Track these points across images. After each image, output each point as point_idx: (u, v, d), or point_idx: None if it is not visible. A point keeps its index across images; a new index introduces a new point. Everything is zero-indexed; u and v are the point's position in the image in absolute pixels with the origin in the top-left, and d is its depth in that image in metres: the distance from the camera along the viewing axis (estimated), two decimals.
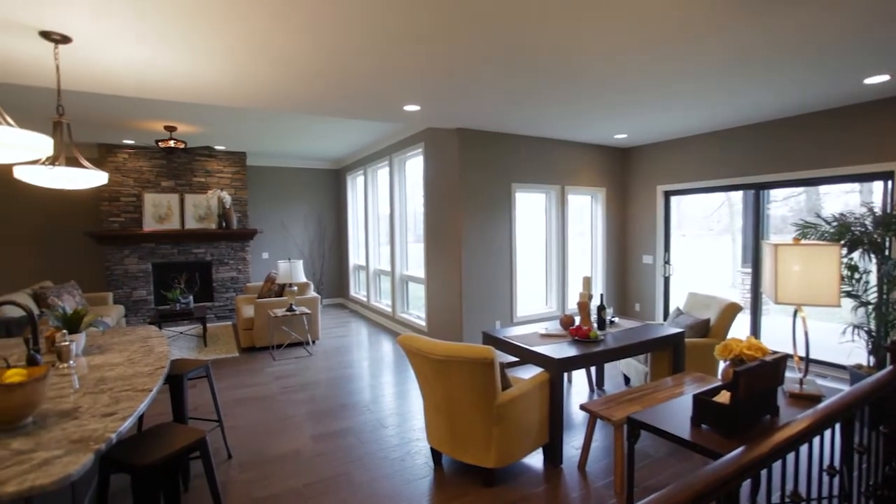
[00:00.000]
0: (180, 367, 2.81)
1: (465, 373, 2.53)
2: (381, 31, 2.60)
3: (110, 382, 2.03)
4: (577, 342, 3.33)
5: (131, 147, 7.06)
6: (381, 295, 7.79)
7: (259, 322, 5.68)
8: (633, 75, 3.43)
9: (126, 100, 4.48)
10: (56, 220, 7.09)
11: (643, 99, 4.11)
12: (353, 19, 2.44)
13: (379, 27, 2.55)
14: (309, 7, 2.30)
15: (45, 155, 1.76)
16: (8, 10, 2.26)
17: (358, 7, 2.31)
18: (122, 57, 2.92)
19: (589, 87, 3.74)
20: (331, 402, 4.09)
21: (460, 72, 3.32)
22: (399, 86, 3.65)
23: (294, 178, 8.82)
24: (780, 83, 3.67)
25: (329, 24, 2.49)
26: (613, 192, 6.76)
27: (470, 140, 5.34)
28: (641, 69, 3.30)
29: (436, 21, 2.47)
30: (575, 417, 3.68)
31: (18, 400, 1.51)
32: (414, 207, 6.71)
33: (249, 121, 5.58)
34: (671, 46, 2.87)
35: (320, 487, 2.74)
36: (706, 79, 3.53)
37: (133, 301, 7.11)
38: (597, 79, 3.51)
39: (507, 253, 5.69)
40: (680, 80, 3.55)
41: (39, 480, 1.22)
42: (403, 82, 3.55)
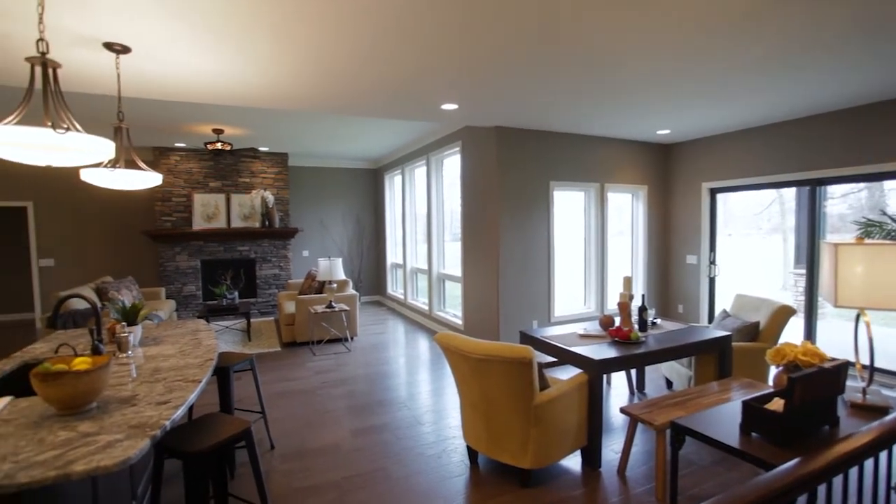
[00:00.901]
0: (227, 360, 2.93)
1: (503, 372, 2.52)
2: (419, 31, 2.62)
3: (164, 372, 2.14)
4: (617, 343, 3.25)
5: (182, 149, 7.42)
6: (418, 293, 7.86)
7: (300, 318, 5.85)
8: (676, 71, 3.31)
9: (178, 105, 4.72)
10: (117, 220, 7.57)
11: (688, 94, 3.96)
12: (392, 21, 2.47)
13: (417, 27, 2.56)
14: (350, 12, 2.34)
15: (107, 158, 1.88)
16: (77, 24, 2.42)
17: (399, 7, 2.33)
18: (176, 65, 3.07)
19: (631, 84, 3.64)
20: (368, 397, 4.16)
21: (499, 70, 3.30)
22: (437, 85, 3.66)
23: (333, 177, 9.02)
24: (840, 72, 3.44)
25: (369, 25, 2.53)
26: (655, 189, 6.54)
27: (508, 138, 5.30)
28: (685, 65, 3.17)
29: (474, 20, 2.47)
30: (614, 420, 3.60)
31: (85, 386, 1.62)
32: (451, 206, 6.72)
33: (291, 122, 5.75)
34: (716, 39, 2.75)
35: (358, 481, 2.79)
36: (754, 72, 3.36)
37: (183, 296, 7.47)
38: (639, 75, 3.41)
39: (545, 252, 5.62)
40: (727, 73, 3.39)
41: (104, 462, 1.31)
42: (441, 81, 3.57)
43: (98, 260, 7.49)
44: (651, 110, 4.56)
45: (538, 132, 5.50)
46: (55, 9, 2.25)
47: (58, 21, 2.39)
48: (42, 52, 1.74)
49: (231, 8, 2.29)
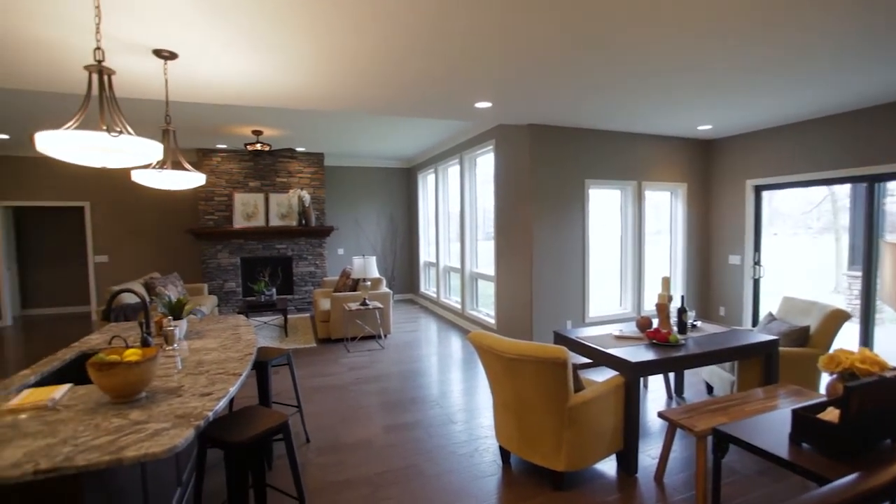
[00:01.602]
0: (265, 355, 3.02)
1: (537, 372, 2.49)
2: (453, 31, 2.62)
3: (207, 365, 2.22)
4: (654, 346, 3.16)
5: (224, 150, 7.70)
6: (451, 292, 7.87)
7: (335, 315, 5.96)
8: (720, 62, 3.18)
9: (220, 107, 4.89)
10: (163, 219, 7.94)
11: (732, 87, 3.79)
12: (426, 21, 2.48)
13: (451, 26, 2.56)
14: (386, 15, 2.36)
15: (155, 160, 1.97)
16: (129, 33, 2.55)
17: (434, 8, 2.33)
18: (219, 69, 3.18)
19: (673, 77, 3.52)
20: (401, 394, 4.20)
21: (534, 67, 3.26)
22: (471, 83, 3.65)
23: (368, 177, 9.15)
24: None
25: (404, 27, 2.55)
26: (696, 187, 6.31)
27: (542, 136, 5.23)
28: (730, 55, 3.04)
29: (508, 17, 2.45)
30: (651, 425, 3.50)
31: (136, 377, 1.70)
32: (484, 205, 6.70)
33: (327, 123, 5.87)
34: (763, 28, 2.62)
35: (391, 477, 2.82)
36: (805, 62, 3.19)
37: (224, 292, 7.75)
38: (681, 68, 3.29)
39: (580, 251, 5.52)
40: (774, 63, 3.23)
41: (152, 449, 1.37)
42: (475, 79, 3.56)
43: (146, 256, 7.88)
44: (692, 105, 4.40)
45: (573, 129, 5.40)
46: (110, 18, 2.37)
47: (112, 30, 2.52)
48: (98, 60, 1.84)
49: (272, 13, 2.35)
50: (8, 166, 7.27)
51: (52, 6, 2.23)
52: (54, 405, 1.73)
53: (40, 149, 1.70)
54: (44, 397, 1.75)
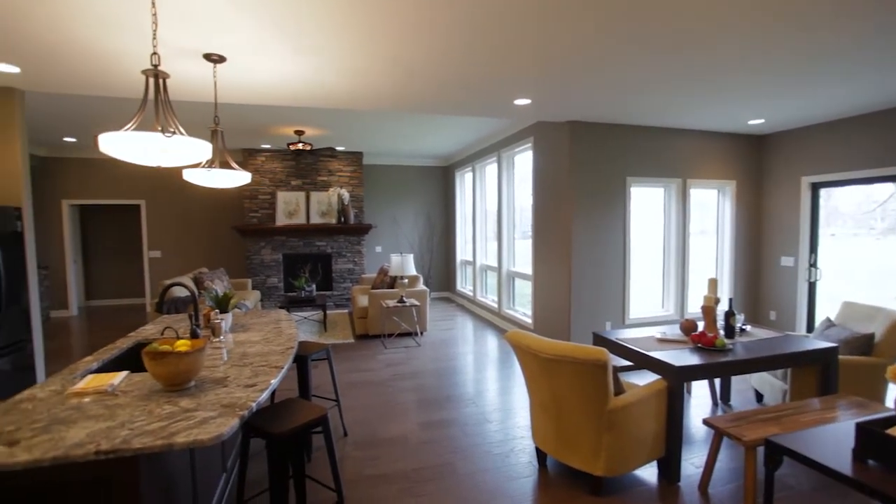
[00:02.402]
0: (305, 349, 3.10)
1: (576, 374, 2.44)
2: (492, 28, 2.60)
3: (251, 357, 2.30)
4: (700, 350, 3.03)
5: (267, 150, 7.96)
6: (488, 290, 7.84)
7: (372, 311, 6.06)
8: (782, 51, 3.01)
9: (265, 108, 5.07)
10: (211, 216, 8.31)
11: (789, 77, 3.57)
12: (465, 19, 2.47)
13: (490, 23, 2.54)
14: (426, 12, 2.37)
15: (205, 159, 2.06)
16: (183, 39, 2.67)
17: (472, 5, 2.32)
18: (265, 71, 3.29)
19: (724, 68, 3.35)
20: (437, 392, 4.22)
21: (575, 61, 3.19)
22: (510, 80, 3.61)
23: (405, 175, 9.24)
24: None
25: (442, 25, 2.55)
26: (745, 184, 6.01)
27: (582, 133, 5.12)
28: (788, 42, 2.87)
29: (548, 12, 2.40)
30: (695, 432, 3.36)
31: (186, 366, 1.78)
32: (521, 203, 6.63)
33: (367, 122, 5.96)
34: (827, 12, 2.46)
35: (426, 474, 2.84)
36: (874, 49, 2.97)
37: (267, 287, 8.02)
38: (734, 58, 3.14)
39: (621, 251, 5.37)
40: (836, 50, 3.03)
41: (200, 436, 1.43)
42: (515, 76, 3.51)
43: (196, 252, 8.27)
44: (745, 98, 4.19)
45: (615, 126, 5.26)
46: (165, 25, 2.49)
47: (166, 36, 2.65)
48: (155, 65, 1.94)
49: (316, 17, 2.41)
50: (74, 168, 7.79)
51: (114, 17, 2.36)
52: (113, 390, 1.84)
53: (103, 149, 1.80)
54: (104, 383, 1.86)
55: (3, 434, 1.46)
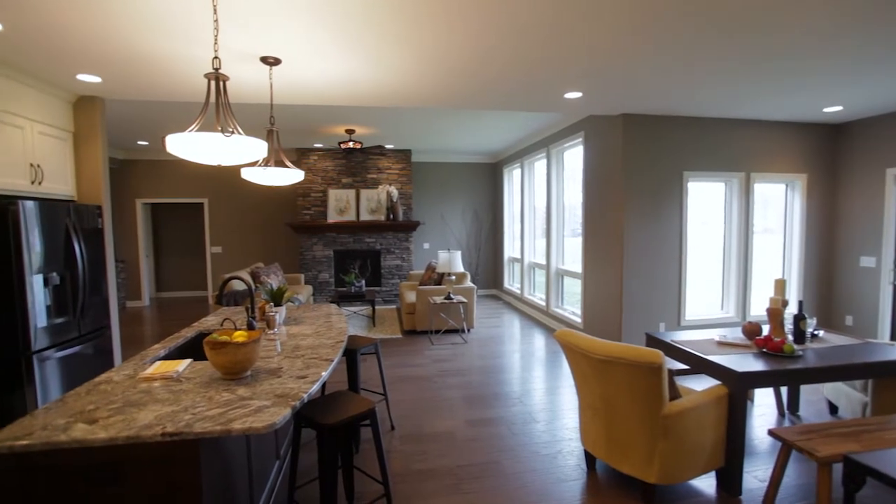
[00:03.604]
0: (355, 343, 3.17)
1: (628, 376, 2.34)
2: (541, 20, 2.53)
3: (303, 350, 2.38)
4: (765, 355, 2.83)
5: (320, 149, 8.22)
6: (535, 288, 7.72)
7: (420, 307, 6.12)
8: (870, 25, 2.74)
9: (318, 108, 5.23)
10: (267, 213, 8.71)
11: (880, 54, 3.25)
12: (513, 10, 2.42)
13: (539, 15, 2.48)
14: (476, 10, 2.35)
15: (261, 157, 2.14)
16: (241, 43, 2.80)
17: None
18: (317, 72, 3.38)
19: (797, 49, 3.10)
20: (483, 389, 4.20)
21: (629, 52, 3.06)
22: (561, 73, 3.52)
23: (453, 172, 9.25)
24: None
25: (491, 18, 2.51)
26: (818, 178, 5.56)
27: (636, 126, 4.92)
28: (877, 13, 2.61)
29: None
30: (758, 443, 3.15)
31: (242, 356, 1.87)
32: (571, 200, 6.47)
33: (415, 119, 6.02)
34: None
35: (472, 471, 2.83)
36: None
37: (319, 282, 8.30)
38: (816, 39, 2.89)
39: (676, 249, 5.12)
40: None
41: (255, 424, 1.50)
42: (566, 68, 3.42)
43: (253, 248, 8.69)
44: (822, 83, 3.86)
45: (671, 118, 5.01)
46: (225, 31, 2.62)
47: (226, 42, 2.78)
48: (216, 68, 2.04)
49: (367, 18, 2.45)
50: (147, 169, 8.39)
51: (180, 27, 2.51)
52: (178, 377, 1.96)
53: (170, 149, 1.92)
54: (170, 369, 1.99)
55: (84, 412, 1.59)
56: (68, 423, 1.51)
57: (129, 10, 2.37)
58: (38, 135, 3.55)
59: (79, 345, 3.56)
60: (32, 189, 3.46)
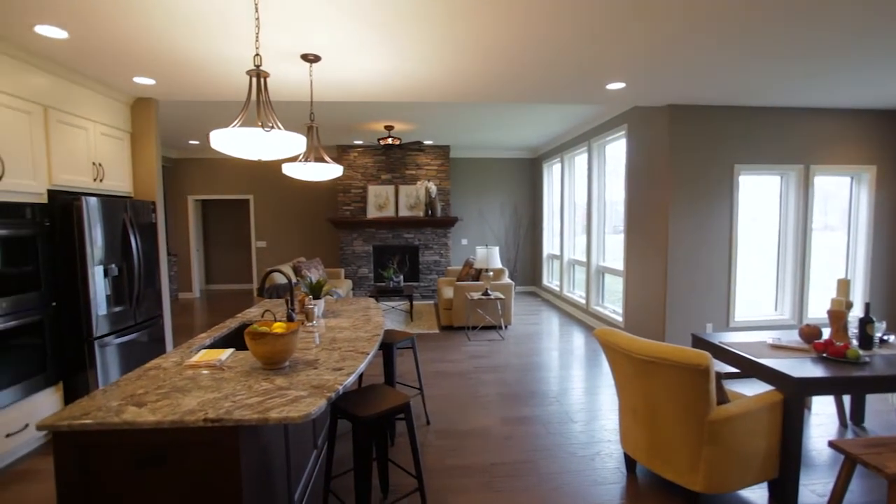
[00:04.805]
0: (391, 337, 3.20)
1: (673, 378, 2.24)
2: (582, 8, 2.45)
3: (340, 342, 2.42)
4: (825, 360, 2.64)
5: (359, 146, 8.34)
6: (575, 285, 7.56)
7: (457, 303, 6.11)
8: None
9: (357, 105, 5.29)
10: (309, 209, 8.94)
11: None
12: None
13: (579, 3, 2.40)
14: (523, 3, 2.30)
15: (300, 152, 2.18)
16: (282, 41, 2.86)
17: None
18: (358, 68, 3.42)
19: (880, 31, 2.86)
20: (519, 387, 4.14)
21: (679, 41, 2.91)
22: (603, 62, 3.40)
23: (492, 168, 9.18)
24: None
25: (531, 8, 2.45)
26: (889, 170, 5.13)
27: (683, 117, 4.70)
28: None
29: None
30: (816, 455, 2.95)
31: (281, 346, 1.91)
32: (613, 195, 6.27)
33: (454, 115, 6.00)
34: None
35: (507, 469, 2.80)
36: None
37: (358, 277, 8.44)
38: (885, 17, 2.66)
39: (726, 246, 4.87)
40: None
41: (291, 413, 1.52)
42: (608, 58, 3.30)
43: (295, 243, 8.95)
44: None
45: (721, 108, 4.75)
46: (266, 30, 2.68)
47: (267, 41, 2.85)
48: (257, 65, 2.09)
49: (407, 12, 2.44)
50: (197, 167, 8.79)
51: (225, 28, 2.59)
52: (221, 365, 2.03)
53: (213, 145, 1.99)
54: (214, 358, 2.06)
55: (135, 396, 1.68)
56: (120, 405, 1.59)
57: (178, 13, 2.46)
58: (100, 135, 3.77)
59: (134, 332, 3.77)
60: (94, 186, 3.69)
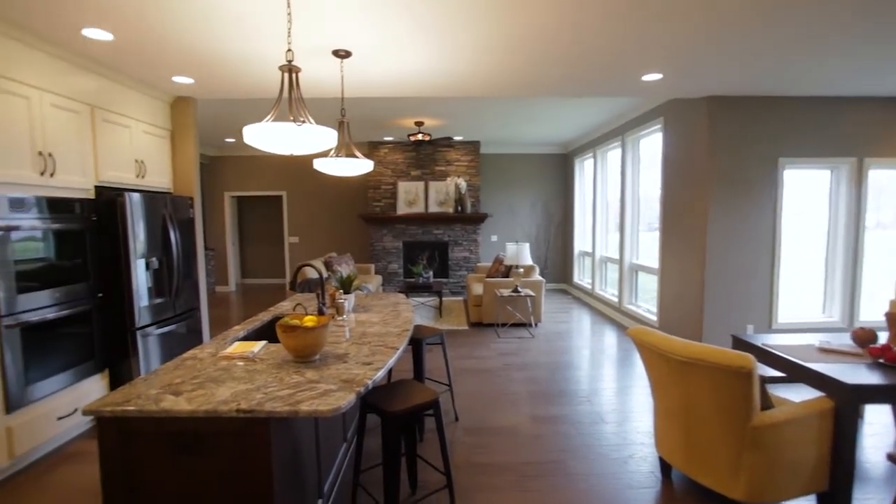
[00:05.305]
0: (421, 333, 3.19)
1: (713, 381, 2.14)
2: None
3: (370, 337, 2.42)
4: (882, 366, 2.47)
5: (390, 143, 8.39)
6: (607, 283, 7.39)
7: (486, 300, 6.07)
8: None
9: (387, 101, 5.31)
10: (340, 205, 9.07)
11: None
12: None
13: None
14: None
15: (331, 146, 2.19)
16: (314, 38, 2.89)
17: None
18: (388, 63, 3.42)
19: None
20: (549, 385, 4.08)
21: (723, 27, 2.77)
22: (638, 52, 3.28)
23: (522, 163, 9.07)
24: None
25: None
26: None
27: (723, 109, 4.49)
28: None
29: None
30: (871, 468, 2.77)
31: (311, 340, 1.93)
32: (647, 191, 6.08)
33: (484, 110, 5.94)
34: None
35: (536, 469, 2.75)
36: None
37: (388, 272, 8.51)
38: None
39: (769, 244, 4.64)
40: None
41: (320, 407, 1.53)
42: (644, 47, 3.18)
43: (327, 238, 9.09)
44: None
45: (765, 98, 4.52)
46: (298, 26, 2.71)
47: (300, 38, 2.88)
48: (289, 60, 2.11)
49: (439, 5, 2.41)
50: (233, 164, 9.04)
51: (258, 27, 2.63)
52: (254, 357, 2.06)
53: (246, 139, 2.02)
54: (247, 349, 2.10)
55: (172, 385, 1.72)
56: (159, 393, 1.64)
57: (215, 14, 2.51)
58: (142, 133, 3.91)
59: (173, 323, 3.91)
60: (137, 182, 3.83)
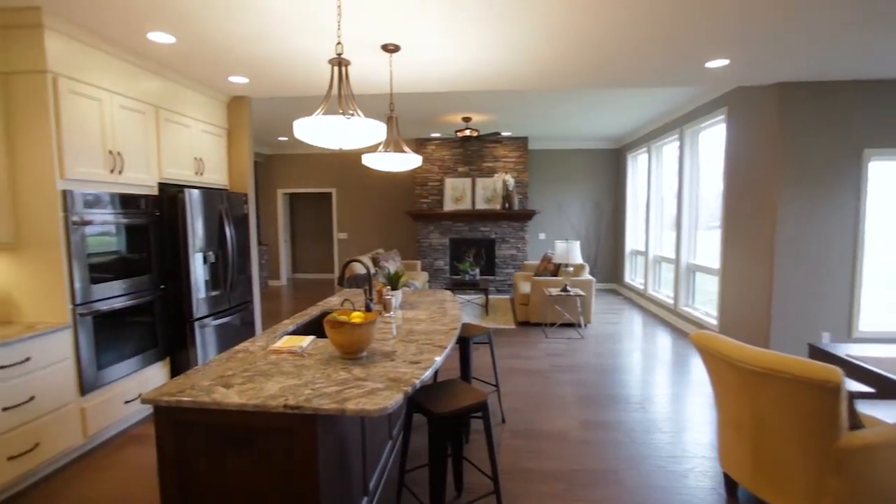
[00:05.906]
0: (468, 331, 3.12)
1: (791, 394, 1.94)
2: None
3: (417, 335, 2.38)
4: None
5: (437, 139, 8.37)
6: (661, 284, 7.04)
7: (534, 299, 5.92)
8: None
9: (434, 97, 5.27)
10: (387, 202, 9.17)
11: None
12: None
13: None
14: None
15: (380, 140, 2.17)
16: (364, 34, 2.88)
17: None
18: (437, 57, 3.37)
19: None
20: (599, 389, 3.91)
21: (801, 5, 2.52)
22: (703, 36, 3.05)
23: (572, 159, 8.80)
24: None
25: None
26: None
27: (796, 96, 4.13)
28: None
29: None
30: None
31: (358, 336, 1.91)
32: (706, 188, 5.72)
33: (534, 104, 5.78)
34: None
35: (586, 477, 2.62)
36: None
37: (434, 269, 8.51)
38: None
39: (850, 244, 4.23)
40: None
41: (367, 406, 1.50)
42: (709, 31, 2.95)
43: (374, 235, 9.22)
44: None
45: (845, 83, 4.11)
46: (347, 22, 2.70)
47: (349, 33, 2.88)
48: (339, 54, 2.10)
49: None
50: (286, 162, 9.33)
51: (309, 25, 2.65)
52: (302, 352, 2.07)
53: (297, 134, 2.03)
54: (296, 344, 2.11)
55: (224, 377, 1.75)
56: (211, 385, 1.67)
57: (270, 14, 2.55)
58: (201, 132, 4.07)
59: (228, 315, 4.05)
60: (195, 179, 3.99)
